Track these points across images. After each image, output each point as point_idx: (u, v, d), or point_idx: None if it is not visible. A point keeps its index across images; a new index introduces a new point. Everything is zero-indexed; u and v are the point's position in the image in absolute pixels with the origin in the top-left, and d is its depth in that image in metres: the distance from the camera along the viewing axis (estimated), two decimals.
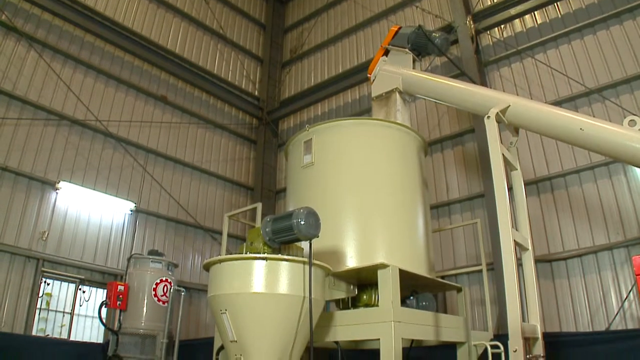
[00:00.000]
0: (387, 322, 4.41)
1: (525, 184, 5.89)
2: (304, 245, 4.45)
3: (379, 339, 4.45)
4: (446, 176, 11.13)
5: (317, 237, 4.26)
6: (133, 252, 10.61)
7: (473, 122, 10.61)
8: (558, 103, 9.47)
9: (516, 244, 4.89)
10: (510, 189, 5.23)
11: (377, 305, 4.83)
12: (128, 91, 12.49)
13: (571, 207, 9.30)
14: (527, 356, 4.52)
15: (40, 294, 10.06)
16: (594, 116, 8.17)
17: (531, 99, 8.82)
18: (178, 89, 13.81)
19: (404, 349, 4.52)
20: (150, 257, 9.09)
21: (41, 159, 10.45)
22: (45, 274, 10.11)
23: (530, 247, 5.41)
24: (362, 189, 5.41)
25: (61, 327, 10.41)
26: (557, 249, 9.21)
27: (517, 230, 5.36)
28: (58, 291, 10.46)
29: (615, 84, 9.17)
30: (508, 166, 5.49)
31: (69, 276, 10.53)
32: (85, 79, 11.64)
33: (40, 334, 9.93)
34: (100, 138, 11.61)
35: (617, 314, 8.22)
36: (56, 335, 10.22)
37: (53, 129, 10.79)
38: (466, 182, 10.80)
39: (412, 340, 5.81)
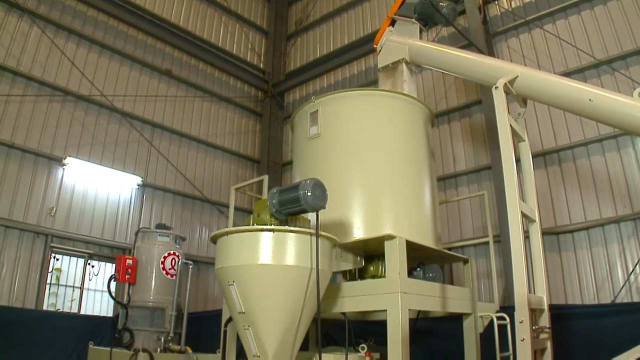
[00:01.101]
0: (394, 293, 4.41)
1: (532, 156, 5.83)
2: (311, 216, 4.44)
3: (385, 310, 4.47)
4: (453, 148, 11.08)
5: (324, 208, 4.25)
6: (141, 226, 10.71)
7: (480, 93, 10.50)
8: (567, 74, 9.31)
9: (523, 215, 4.86)
10: (517, 160, 5.18)
11: (384, 277, 4.85)
12: (132, 65, 12.42)
13: (579, 180, 9.25)
14: (533, 327, 4.53)
15: (50, 269, 10.19)
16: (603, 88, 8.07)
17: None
18: (183, 63, 13.72)
19: (410, 320, 4.54)
20: (158, 230, 9.09)
21: (47, 136, 10.48)
22: (54, 249, 10.22)
23: (537, 219, 5.38)
24: (369, 160, 5.39)
25: (71, 301, 10.55)
26: (564, 221, 9.20)
27: (524, 202, 5.33)
28: (67, 266, 10.59)
29: (625, 56, 9.02)
30: (516, 137, 5.43)
31: (78, 251, 10.65)
32: (89, 54, 11.58)
33: (51, 309, 10.08)
34: (105, 113, 11.60)
35: (622, 287, 8.23)
36: (67, 310, 10.36)
37: (58, 105, 10.78)
38: (473, 154, 10.75)
39: (419, 312, 5.84)
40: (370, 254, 5.30)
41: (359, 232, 5.04)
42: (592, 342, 5.85)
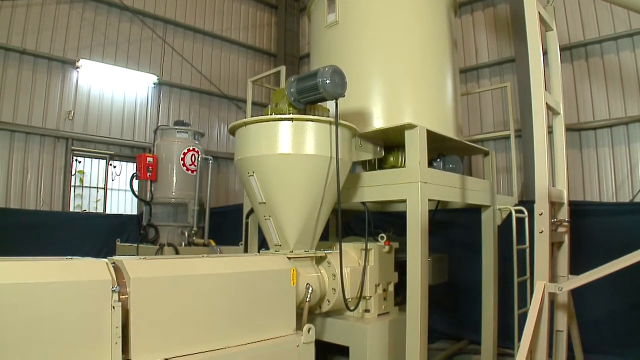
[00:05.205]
0: (414, 183, 4.36)
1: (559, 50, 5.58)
2: (330, 105, 4.35)
3: (405, 201, 4.45)
4: (475, 39, 10.71)
5: (343, 96, 4.14)
6: (159, 124, 10.75)
7: None
8: None
9: (548, 107, 4.71)
10: (544, 53, 4.95)
11: (404, 167, 4.82)
12: None
13: (605, 76, 8.95)
14: (552, 220, 4.52)
15: (73, 172, 10.42)
16: None
17: None
18: None
19: (429, 211, 4.55)
20: (176, 127, 9.12)
21: (58, 39, 10.31)
22: (75, 152, 10.39)
23: (561, 112, 5.23)
24: (389, 47, 5.15)
25: (96, 202, 10.89)
26: (587, 118, 9.02)
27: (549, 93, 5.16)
28: (90, 168, 10.82)
29: None
30: (543, 25, 5.14)
31: (99, 153, 10.82)
32: None
33: (78, 210, 10.41)
34: (116, 12, 11.29)
35: None
36: (92, 210, 10.70)
37: (66, 6, 10.50)
38: (496, 46, 10.40)
39: (438, 203, 5.88)
40: (390, 145, 5.25)
41: (378, 122, 4.95)
42: (607, 240, 5.86)
